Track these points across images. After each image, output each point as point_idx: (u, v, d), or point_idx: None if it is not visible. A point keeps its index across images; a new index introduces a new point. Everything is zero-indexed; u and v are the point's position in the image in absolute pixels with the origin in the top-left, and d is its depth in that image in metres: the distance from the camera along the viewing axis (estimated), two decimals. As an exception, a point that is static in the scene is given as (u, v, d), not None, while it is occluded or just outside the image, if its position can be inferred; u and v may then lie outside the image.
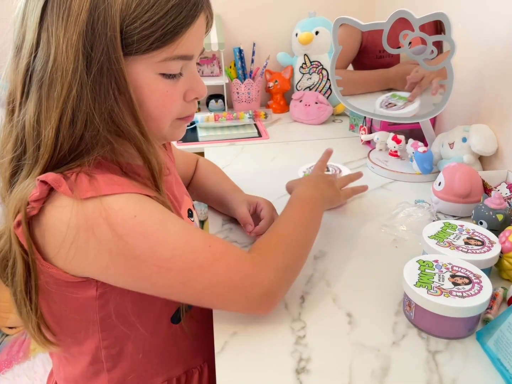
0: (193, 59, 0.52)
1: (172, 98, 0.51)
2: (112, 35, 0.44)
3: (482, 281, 0.56)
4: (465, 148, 0.94)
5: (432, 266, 0.60)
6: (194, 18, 0.48)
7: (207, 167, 0.90)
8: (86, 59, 0.44)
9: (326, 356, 0.54)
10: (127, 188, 0.48)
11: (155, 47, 0.46)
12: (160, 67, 0.48)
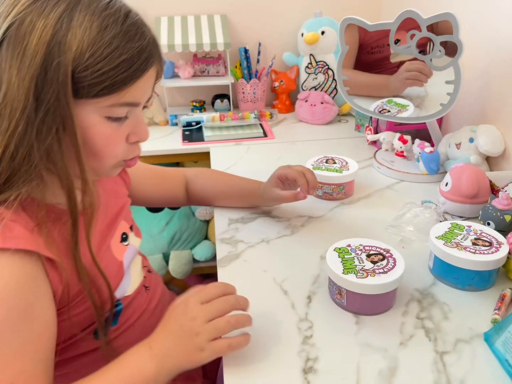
0: (139, 106, 0.53)
1: (115, 140, 0.53)
2: (64, 80, 0.45)
3: (393, 253, 0.63)
4: (472, 149, 0.94)
5: (348, 251, 0.63)
6: (143, 72, 0.50)
7: (208, 175, 0.91)
8: (36, 100, 0.46)
9: (333, 356, 0.54)
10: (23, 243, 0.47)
11: (103, 94, 0.48)
12: (106, 111, 0.50)
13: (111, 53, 0.47)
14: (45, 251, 0.49)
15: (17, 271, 0.46)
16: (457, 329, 0.58)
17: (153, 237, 1.34)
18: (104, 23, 0.47)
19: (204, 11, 1.45)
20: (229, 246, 0.77)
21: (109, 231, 0.64)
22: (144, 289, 0.69)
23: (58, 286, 0.51)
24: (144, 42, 0.49)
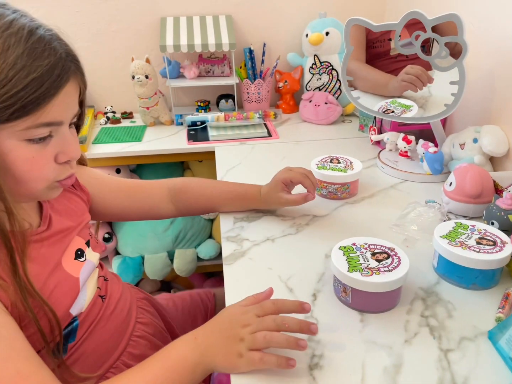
0: (63, 124, 0.51)
1: (40, 162, 0.51)
2: None
3: (397, 252, 0.63)
4: (476, 149, 0.94)
5: (353, 250, 0.64)
6: (58, 89, 0.48)
7: (200, 184, 0.87)
8: None
9: (338, 352, 0.55)
10: None
11: (16, 117, 0.46)
12: (24, 134, 0.48)
13: (17, 74, 0.45)
14: None
15: None
16: (461, 327, 0.58)
17: (158, 235, 1.35)
18: (6, 44, 0.45)
19: (210, 11, 1.46)
20: (234, 244, 0.77)
21: (58, 250, 0.61)
22: (99, 299, 0.67)
23: (7, 303, 0.50)
24: (54, 58, 0.47)
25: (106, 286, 0.71)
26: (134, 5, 1.42)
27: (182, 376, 0.51)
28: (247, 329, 0.53)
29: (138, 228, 1.36)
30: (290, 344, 0.52)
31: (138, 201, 0.83)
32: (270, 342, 0.52)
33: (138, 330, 0.73)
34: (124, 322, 0.71)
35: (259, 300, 0.57)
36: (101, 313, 0.66)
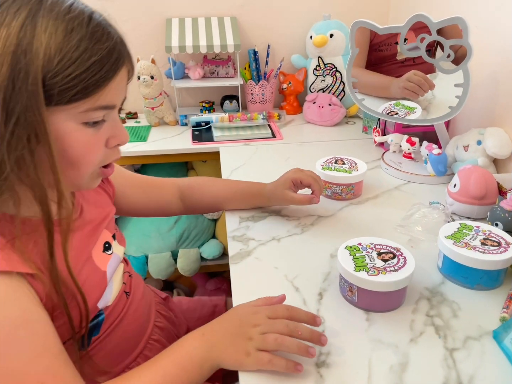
0: (115, 108, 0.52)
1: (95, 147, 0.52)
2: (34, 89, 0.44)
3: (403, 252, 0.64)
4: (480, 151, 0.95)
5: (359, 249, 0.65)
6: (115, 72, 0.49)
7: (205, 182, 0.89)
8: (5, 112, 0.44)
9: (345, 351, 0.55)
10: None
11: (77, 99, 0.46)
12: (83, 117, 0.48)
13: (80, 56, 0.46)
14: (20, 267, 0.48)
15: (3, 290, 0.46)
16: (466, 326, 0.59)
17: (162, 235, 1.36)
18: (69, 27, 0.46)
19: (215, 13, 1.47)
20: (240, 244, 0.78)
21: (89, 241, 0.62)
22: (124, 295, 0.68)
23: (41, 294, 0.51)
24: (112, 42, 0.49)
25: (131, 282, 0.72)
26: (140, 6, 1.43)
27: (191, 372, 0.52)
28: (257, 329, 0.53)
29: (142, 227, 1.37)
30: (300, 350, 0.52)
31: (153, 197, 0.85)
32: (281, 345, 0.52)
33: (155, 334, 0.73)
34: (144, 323, 0.71)
35: (271, 303, 0.58)
36: (125, 309, 0.67)
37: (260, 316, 0.55)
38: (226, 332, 0.54)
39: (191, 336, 0.55)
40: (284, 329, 0.53)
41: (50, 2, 0.46)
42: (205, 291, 1.48)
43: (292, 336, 0.53)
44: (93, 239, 0.63)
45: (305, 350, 0.52)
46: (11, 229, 0.49)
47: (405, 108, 1.04)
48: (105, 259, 0.64)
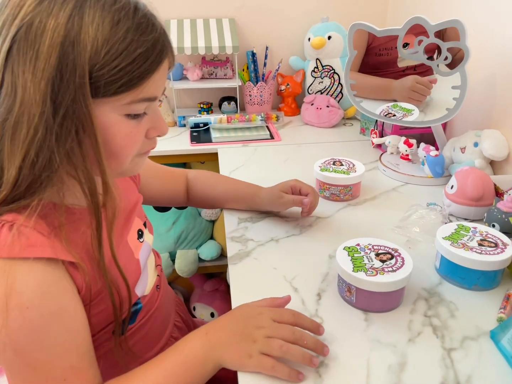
0: (156, 100, 0.53)
1: (136, 138, 0.52)
2: (81, 81, 0.44)
3: (401, 253, 0.64)
4: (477, 153, 0.96)
5: (357, 250, 0.65)
6: (159, 64, 0.49)
7: (211, 177, 0.91)
8: (53, 104, 0.44)
9: (344, 351, 0.56)
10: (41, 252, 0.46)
11: (122, 91, 0.47)
12: (126, 109, 0.49)
13: (127, 48, 0.45)
14: (64, 255, 0.48)
15: (40, 278, 0.46)
16: (464, 327, 0.59)
17: (160, 236, 1.36)
18: (116, 18, 0.45)
19: (213, 14, 1.47)
20: (239, 244, 0.78)
21: (125, 228, 0.64)
22: (155, 288, 0.69)
23: (81, 285, 0.51)
24: (156, 34, 0.48)
25: (162, 277, 0.73)
26: (138, 7, 1.43)
27: (194, 371, 0.52)
28: (261, 332, 0.53)
29: (140, 228, 1.37)
30: (305, 359, 0.52)
31: (169, 187, 0.87)
32: (286, 353, 0.52)
33: (175, 332, 0.74)
34: (166, 319, 0.73)
35: (276, 304, 0.58)
36: (156, 304, 0.68)
37: (265, 317, 0.55)
38: (230, 332, 0.54)
39: (195, 335, 0.55)
40: (290, 336, 0.53)
41: None
42: (202, 292, 1.48)
43: (297, 344, 0.53)
44: (128, 226, 0.64)
45: (309, 360, 0.52)
46: (56, 218, 0.50)
47: (402, 110, 1.05)
48: (138, 247, 0.65)
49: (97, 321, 0.55)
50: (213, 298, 1.46)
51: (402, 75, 1.03)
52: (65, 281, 0.49)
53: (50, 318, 0.47)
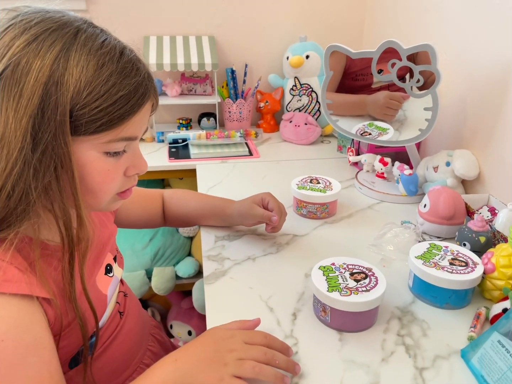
0: (137, 139, 0.54)
1: (113, 175, 0.53)
2: (62, 119, 0.46)
3: (375, 272, 0.65)
4: (449, 172, 0.98)
5: (332, 270, 0.66)
6: (140, 107, 0.51)
7: (183, 195, 0.90)
8: (33, 140, 0.45)
9: (318, 372, 0.56)
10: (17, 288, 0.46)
11: (101, 130, 0.48)
12: (105, 147, 0.50)
13: (109, 90, 0.47)
14: (38, 291, 0.48)
15: (16, 312, 0.46)
16: (436, 345, 0.60)
17: (136, 253, 1.34)
18: (101, 62, 0.47)
19: (193, 32, 1.49)
20: (215, 263, 0.78)
21: (96, 265, 0.63)
22: (118, 315, 0.68)
23: (52, 319, 0.51)
24: (139, 78, 0.50)
25: (125, 302, 0.71)
26: (118, 23, 1.43)
27: None
28: (233, 354, 0.52)
29: (116, 245, 1.35)
30: (277, 379, 0.52)
31: (147, 209, 0.86)
32: (259, 374, 0.51)
33: (147, 358, 0.72)
34: (136, 345, 0.70)
35: (245, 327, 0.58)
36: (118, 329, 0.66)
37: (236, 340, 0.54)
38: (199, 357, 0.52)
39: (164, 362, 0.53)
40: (262, 357, 0.53)
41: (84, 37, 0.48)
42: (180, 310, 1.46)
43: (269, 364, 0.53)
44: (99, 262, 0.64)
45: (281, 379, 0.52)
46: (31, 252, 0.50)
47: (377, 129, 1.08)
48: (107, 282, 0.64)
49: (62, 354, 0.53)
50: (190, 316, 1.44)
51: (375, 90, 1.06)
52: (38, 314, 0.49)
53: (25, 350, 0.46)
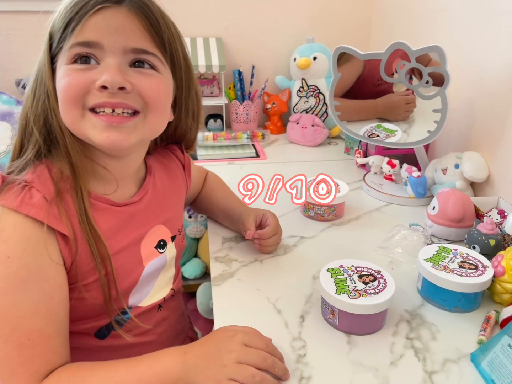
0: (103, 48, 0.53)
1: (73, 82, 0.53)
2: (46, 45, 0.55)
3: (383, 275, 0.65)
4: (458, 174, 0.98)
5: (341, 272, 0.66)
6: (91, 8, 0.52)
7: (214, 181, 0.93)
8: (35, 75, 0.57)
9: (326, 374, 0.55)
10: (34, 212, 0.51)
11: (62, 39, 0.53)
12: (68, 56, 0.53)
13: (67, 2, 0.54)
14: (55, 224, 0.52)
15: (27, 234, 0.50)
16: (445, 349, 0.59)
17: (143, 254, 1.34)
18: None
19: (200, 33, 1.49)
20: (223, 265, 0.78)
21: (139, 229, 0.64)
22: (157, 308, 0.68)
23: (67, 257, 0.53)
24: None
25: (170, 301, 0.72)
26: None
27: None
28: (231, 356, 0.51)
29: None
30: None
31: (197, 187, 0.89)
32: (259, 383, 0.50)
33: None
34: None
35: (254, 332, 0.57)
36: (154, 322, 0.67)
37: (236, 341, 0.53)
38: (203, 355, 0.53)
39: (173, 352, 0.54)
40: (262, 363, 0.52)
41: None
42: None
43: (267, 371, 0.52)
44: (143, 228, 0.65)
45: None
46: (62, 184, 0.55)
47: (385, 130, 1.07)
48: (151, 255, 0.65)
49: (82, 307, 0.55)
50: (196, 317, 1.44)
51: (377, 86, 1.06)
52: (50, 246, 0.51)
53: (28, 274, 0.49)
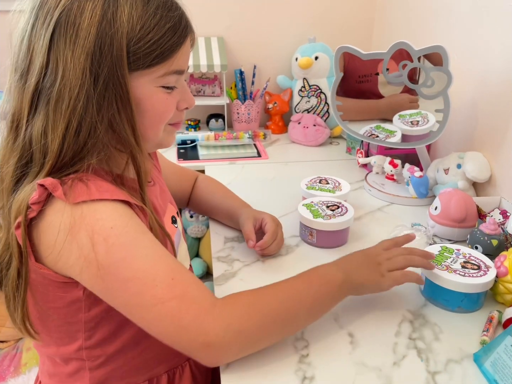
0: (184, 73, 0.58)
1: (169, 107, 0.58)
2: (119, 54, 0.50)
3: (344, 204, 0.86)
4: (460, 174, 0.97)
5: (313, 205, 0.86)
6: (185, 38, 0.55)
7: (211, 183, 0.93)
8: (93, 76, 0.50)
9: (329, 374, 0.55)
10: (116, 195, 0.52)
11: (156, 63, 0.53)
12: (160, 81, 0.55)
13: (158, 23, 0.52)
14: (134, 200, 0.54)
15: (120, 212, 0.52)
16: (448, 349, 0.59)
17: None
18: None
19: (202, 33, 1.49)
20: (225, 265, 0.78)
21: (163, 205, 0.68)
22: None
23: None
24: (180, 11, 0.55)
25: None
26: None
27: (331, 287, 0.59)
28: (382, 256, 0.64)
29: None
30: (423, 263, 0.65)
31: (181, 187, 0.90)
32: (410, 261, 0.64)
33: None
34: None
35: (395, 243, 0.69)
36: None
37: (378, 247, 0.67)
38: (357, 263, 0.64)
39: (327, 265, 0.62)
40: (402, 261, 0.64)
41: None
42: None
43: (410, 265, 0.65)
44: (164, 209, 0.69)
45: (427, 263, 0.65)
46: None
47: (385, 131, 1.07)
48: (173, 231, 0.69)
49: None
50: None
51: None
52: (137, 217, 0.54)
53: (135, 233, 0.51)
